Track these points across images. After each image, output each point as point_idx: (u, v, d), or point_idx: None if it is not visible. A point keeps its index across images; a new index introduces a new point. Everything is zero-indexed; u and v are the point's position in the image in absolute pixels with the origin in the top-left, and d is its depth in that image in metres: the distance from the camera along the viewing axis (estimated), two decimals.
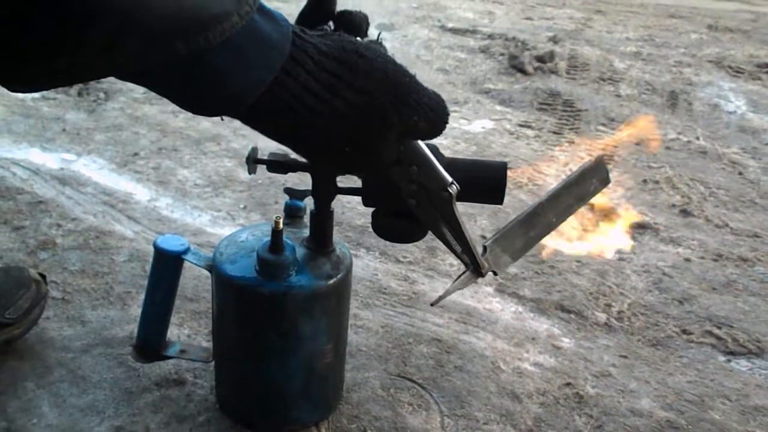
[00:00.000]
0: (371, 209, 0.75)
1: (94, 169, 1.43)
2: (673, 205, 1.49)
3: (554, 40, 2.57)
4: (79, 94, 1.80)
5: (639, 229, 1.38)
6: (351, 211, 1.33)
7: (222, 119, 0.54)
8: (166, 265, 0.82)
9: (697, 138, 1.86)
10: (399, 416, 0.88)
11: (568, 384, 0.96)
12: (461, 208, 0.63)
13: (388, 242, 0.80)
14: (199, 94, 0.47)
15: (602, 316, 1.11)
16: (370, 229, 0.67)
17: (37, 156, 1.46)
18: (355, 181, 0.75)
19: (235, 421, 0.85)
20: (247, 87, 0.47)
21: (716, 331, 1.10)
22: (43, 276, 0.95)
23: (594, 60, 2.40)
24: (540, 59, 2.28)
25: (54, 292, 1.04)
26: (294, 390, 0.82)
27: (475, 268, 0.69)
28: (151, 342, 0.85)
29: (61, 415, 0.84)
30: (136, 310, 1.00)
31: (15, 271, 0.93)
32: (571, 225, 0.78)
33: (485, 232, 1.31)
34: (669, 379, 0.99)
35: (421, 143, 0.61)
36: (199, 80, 0.45)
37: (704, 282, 1.23)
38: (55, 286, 1.06)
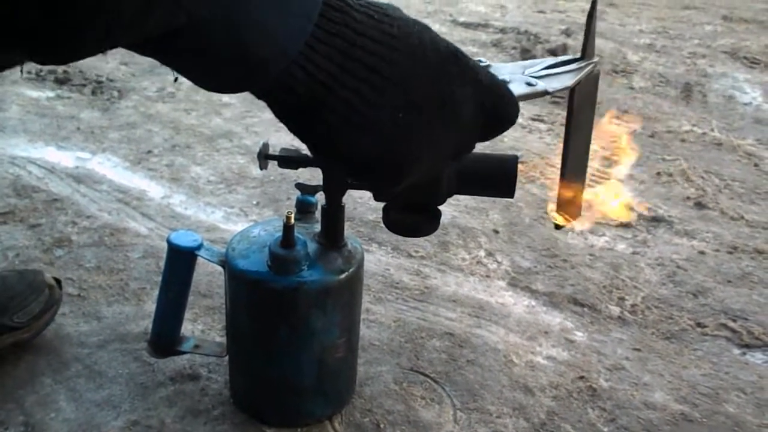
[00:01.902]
0: (382, 204, 0.75)
1: (108, 167, 1.44)
2: (688, 198, 1.48)
3: (567, 33, 2.56)
4: (93, 93, 1.81)
5: (653, 222, 1.37)
6: (363, 206, 1.34)
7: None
8: (180, 261, 0.83)
9: (712, 130, 1.84)
10: (412, 410, 0.89)
11: (581, 377, 0.96)
12: (471, 202, 0.63)
13: (399, 237, 0.80)
14: (235, 54, 0.41)
15: (616, 310, 1.11)
16: (382, 224, 0.67)
17: (52, 154, 1.48)
18: None
19: (248, 416, 0.86)
20: (289, 36, 0.41)
21: (731, 323, 1.09)
22: (58, 281, 0.95)
23: (607, 52, 2.38)
24: (552, 53, 2.27)
25: (70, 288, 1.05)
26: (307, 384, 0.82)
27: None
28: (165, 337, 0.86)
29: (78, 410, 0.85)
30: (151, 306, 1.00)
31: (30, 275, 0.94)
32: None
33: (497, 226, 1.31)
34: (683, 372, 0.99)
35: None
36: (237, 31, 0.40)
37: (719, 275, 1.22)
38: (71, 282, 1.07)
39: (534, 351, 1.01)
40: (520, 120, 1.82)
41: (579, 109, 0.68)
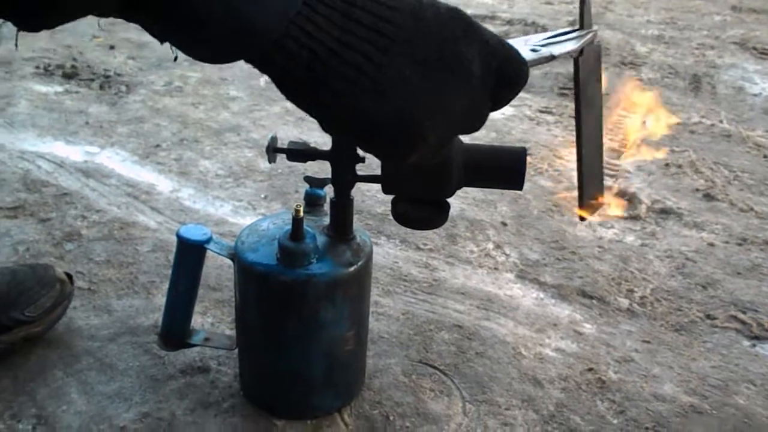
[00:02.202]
0: (391, 197, 0.75)
1: (117, 161, 1.45)
2: (697, 190, 1.47)
3: (575, 24, 2.55)
4: (101, 87, 1.82)
5: (662, 213, 1.37)
6: (371, 199, 1.34)
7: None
8: (189, 255, 0.83)
9: (721, 121, 1.83)
10: (421, 402, 0.89)
11: (590, 369, 0.96)
12: (480, 195, 0.63)
13: (408, 229, 0.80)
14: (229, 16, 0.40)
15: (624, 302, 1.11)
16: (390, 217, 0.67)
17: (61, 149, 1.48)
18: (374, 168, 0.75)
19: (258, 408, 0.86)
20: None
21: (741, 315, 1.09)
22: (69, 275, 0.96)
23: (615, 44, 2.37)
24: None
25: (80, 282, 1.05)
26: (316, 377, 0.83)
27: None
28: (175, 330, 0.87)
29: (89, 402, 0.86)
30: (161, 299, 1.01)
31: (41, 270, 0.94)
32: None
33: (505, 218, 1.31)
34: (692, 364, 0.99)
35: None
36: None
37: (728, 266, 1.22)
38: (82, 276, 1.07)
39: (543, 343, 1.01)
40: (528, 112, 1.82)
41: (586, 83, 0.68)
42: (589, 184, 0.67)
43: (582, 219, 0.68)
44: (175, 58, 0.52)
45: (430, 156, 0.49)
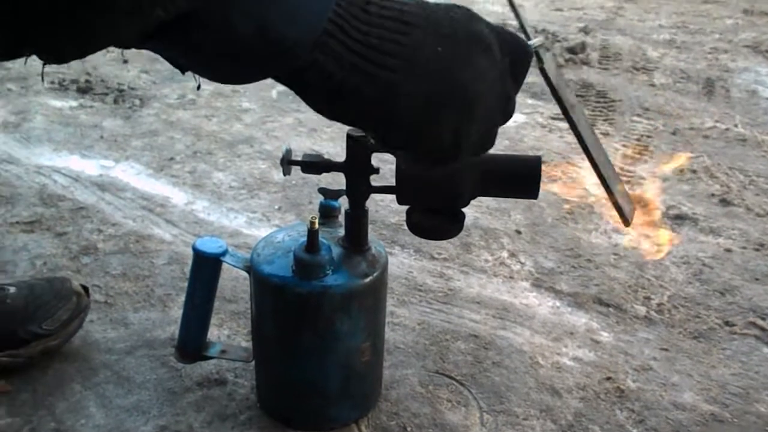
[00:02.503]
0: (405, 207, 0.75)
1: (132, 175, 1.46)
2: (712, 195, 1.46)
3: (585, 30, 2.54)
4: (115, 101, 1.83)
5: (678, 219, 1.36)
6: (384, 209, 1.34)
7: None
8: (205, 267, 0.83)
9: (736, 125, 1.82)
10: (438, 413, 0.89)
11: (609, 378, 0.95)
12: (493, 203, 0.63)
13: (422, 239, 0.80)
14: (259, 35, 0.41)
15: (642, 309, 1.10)
16: (404, 227, 0.67)
17: (76, 163, 1.50)
18: (388, 179, 0.75)
19: (275, 420, 0.86)
20: (313, 11, 0.42)
21: (760, 322, 1.08)
22: (85, 288, 0.96)
23: (626, 49, 2.36)
24: (571, 50, 2.25)
25: (97, 295, 1.06)
26: (333, 388, 0.82)
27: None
28: (192, 343, 0.87)
29: (107, 416, 0.86)
30: (177, 312, 1.01)
31: (57, 283, 0.95)
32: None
33: (519, 226, 1.31)
34: (712, 372, 0.98)
35: None
36: (259, 10, 0.40)
37: (746, 272, 1.20)
38: (98, 289, 1.08)
39: (560, 352, 1.00)
40: (540, 120, 1.82)
41: (562, 89, 0.69)
42: (617, 192, 0.67)
43: (626, 224, 0.69)
44: (198, 87, 0.53)
45: (476, 145, 0.52)
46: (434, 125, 0.49)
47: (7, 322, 0.90)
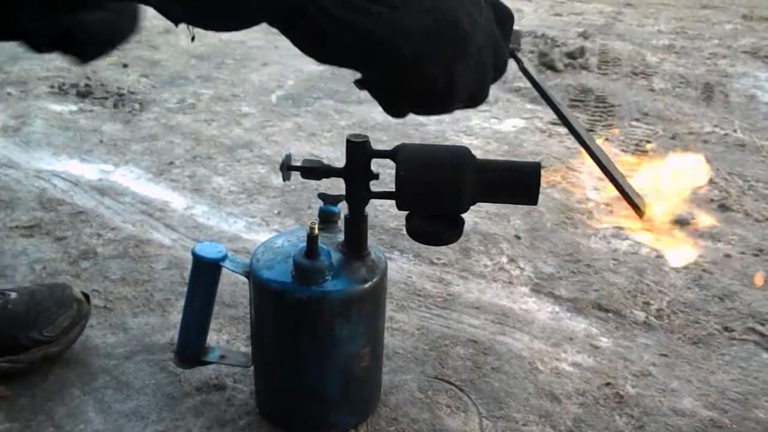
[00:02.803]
0: (404, 212, 0.75)
1: (131, 179, 1.46)
2: (711, 200, 1.46)
3: (584, 35, 2.55)
4: (115, 105, 1.84)
5: (677, 224, 1.36)
6: (384, 213, 1.34)
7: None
8: (205, 273, 0.83)
9: (735, 130, 1.82)
10: (437, 418, 0.89)
11: (608, 384, 0.95)
12: (493, 208, 0.63)
13: (422, 245, 0.80)
14: None
15: (641, 315, 1.10)
16: (403, 232, 0.67)
17: (76, 167, 1.50)
18: (388, 185, 0.75)
19: (274, 425, 0.86)
20: None
21: (759, 327, 1.08)
22: (86, 295, 0.96)
23: (626, 54, 2.37)
24: (570, 55, 2.26)
25: (96, 300, 1.06)
26: (332, 394, 0.82)
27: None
28: (191, 348, 0.87)
29: (106, 421, 0.86)
30: (176, 317, 1.01)
31: (58, 290, 0.95)
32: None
33: (519, 231, 1.31)
34: (711, 378, 0.98)
35: None
36: None
37: (746, 278, 1.21)
38: (97, 294, 1.08)
39: (559, 357, 1.00)
40: (539, 125, 1.82)
41: (545, 85, 0.70)
42: (625, 185, 0.68)
43: (641, 215, 0.69)
44: (192, 39, 0.54)
45: (469, 91, 0.55)
46: (431, 60, 0.52)
47: (8, 327, 0.90)
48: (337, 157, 0.73)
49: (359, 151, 0.74)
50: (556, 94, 0.72)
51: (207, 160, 1.55)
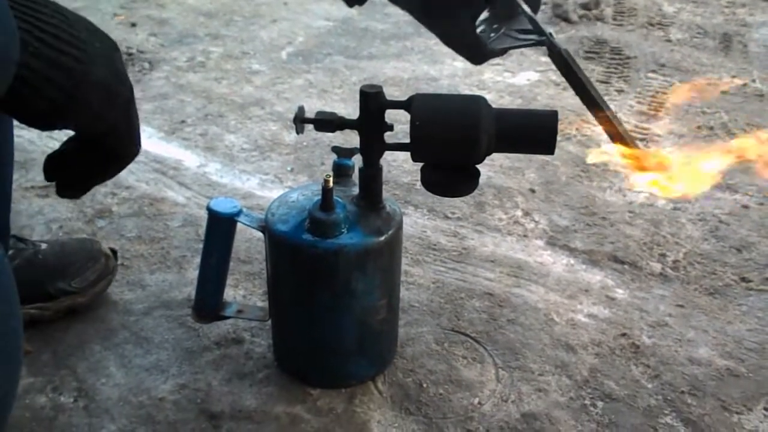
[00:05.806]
0: (418, 166, 0.74)
1: (143, 138, 1.44)
2: (729, 152, 1.44)
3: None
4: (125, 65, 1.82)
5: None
6: (397, 169, 1.33)
7: None
8: (220, 228, 0.83)
9: (753, 81, 1.78)
10: (454, 369, 0.89)
11: (624, 334, 0.95)
12: (507, 161, 0.62)
13: (435, 198, 0.80)
14: None
15: (657, 266, 1.09)
16: (417, 186, 0.67)
17: None
18: (401, 137, 0.74)
19: (292, 378, 0.87)
20: None
21: None
22: (114, 251, 0.99)
23: (641, 5, 2.31)
24: (585, 6, 2.21)
25: None
26: (349, 346, 0.83)
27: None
28: (208, 303, 0.87)
29: (128, 375, 0.88)
30: (193, 273, 1.02)
31: (88, 244, 0.97)
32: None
33: (533, 185, 1.30)
34: (728, 328, 0.97)
35: None
36: None
37: (763, 228, 1.19)
38: None
39: (575, 309, 1.00)
40: (554, 77, 1.79)
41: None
42: (615, 120, 0.69)
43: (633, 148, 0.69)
44: None
45: None
46: None
47: (38, 276, 0.92)
48: (349, 113, 0.72)
49: (373, 101, 0.73)
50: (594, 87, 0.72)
51: (218, 118, 1.54)
